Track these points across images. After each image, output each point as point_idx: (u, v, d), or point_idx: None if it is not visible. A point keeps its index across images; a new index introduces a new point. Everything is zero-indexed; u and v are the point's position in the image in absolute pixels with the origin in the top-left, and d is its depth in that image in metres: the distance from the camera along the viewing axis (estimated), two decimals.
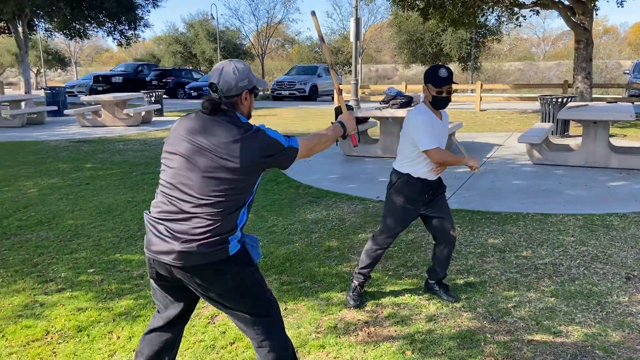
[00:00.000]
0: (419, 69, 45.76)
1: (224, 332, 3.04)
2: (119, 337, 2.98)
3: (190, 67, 38.96)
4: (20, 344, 2.91)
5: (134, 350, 2.84)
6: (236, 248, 2.02)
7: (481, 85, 16.71)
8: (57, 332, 3.07)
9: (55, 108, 14.63)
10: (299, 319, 3.22)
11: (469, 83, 31.16)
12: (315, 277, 3.84)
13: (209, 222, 1.95)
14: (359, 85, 17.29)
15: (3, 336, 2.99)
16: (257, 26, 41.41)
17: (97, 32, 23.06)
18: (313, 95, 22.92)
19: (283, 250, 4.37)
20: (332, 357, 2.80)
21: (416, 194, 3.27)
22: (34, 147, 9.99)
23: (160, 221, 1.99)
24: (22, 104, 15.50)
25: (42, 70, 49.22)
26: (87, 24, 22.12)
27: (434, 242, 3.46)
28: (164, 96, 25.44)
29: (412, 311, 3.33)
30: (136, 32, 22.65)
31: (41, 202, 5.92)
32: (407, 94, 9.24)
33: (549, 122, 10.65)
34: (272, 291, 3.49)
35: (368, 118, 9.03)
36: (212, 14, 39.68)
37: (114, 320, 3.18)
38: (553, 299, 3.46)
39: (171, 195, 2.00)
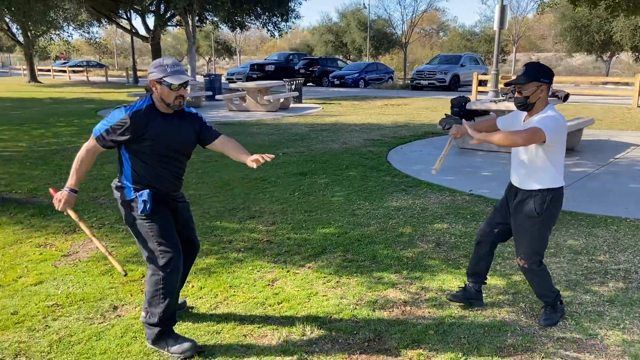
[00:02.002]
0: (586, 59, 41.77)
1: (277, 294, 3.53)
2: (193, 287, 3.62)
3: (340, 57, 40.22)
4: (122, 281, 3.70)
5: (200, 298, 3.46)
6: (130, 195, 2.77)
7: None
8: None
9: (210, 93, 16.45)
10: (345, 291, 3.58)
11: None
12: (376, 257, 4.14)
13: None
14: (499, 76, 16.62)
15: (111, 274, 3.81)
16: (402, 16, 41.11)
17: (255, 23, 24.95)
18: (454, 86, 22.41)
19: (357, 231, 4.72)
20: (359, 325, 3.12)
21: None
22: None
23: None
24: (189, 88, 17.64)
25: (212, 59, 54.62)
26: (246, 16, 24.15)
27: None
28: (309, 84, 26.83)
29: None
30: (287, 23, 24.15)
31: None
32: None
33: None
34: (334, 266, 3.91)
35: (488, 111, 8.84)
36: (364, 4, 40.37)
37: (195, 274, 3.84)
38: (608, 303, 3.36)
39: None
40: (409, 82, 23.54)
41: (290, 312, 3.27)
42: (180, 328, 3.03)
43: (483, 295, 3.47)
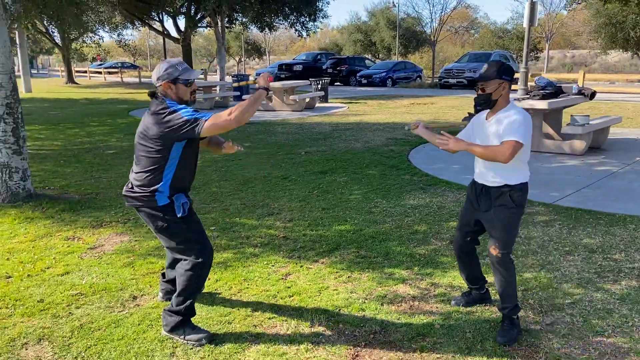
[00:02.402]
0: (622, 56, 40.61)
1: (289, 287, 3.63)
2: (209, 279, 3.77)
3: (368, 56, 40.15)
4: (143, 273, 3.87)
5: (215, 290, 3.60)
6: (164, 202, 2.81)
7: None
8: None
9: (237, 93, 16.70)
10: (356, 286, 3.66)
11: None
12: (389, 254, 4.21)
13: (138, 173, 2.82)
14: (529, 74, 16.37)
15: (132, 266, 3.99)
16: (431, 14, 40.75)
17: (283, 24, 25.19)
18: None
19: (372, 228, 4.79)
20: (366, 319, 3.20)
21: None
22: None
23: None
24: (217, 88, 17.96)
25: (242, 59, 55.28)
26: (274, 17, 24.40)
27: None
28: (337, 83, 26.91)
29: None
30: (315, 23, 24.29)
31: (200, 172, 7.16)
32: (558, 84, 8.67)
33: None
34: (346, 262, 3.99)
35: None
36: (393, 2, 40.19)
37: (212, 267, 3.97)
38: (618, 301, 3.35)
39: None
40: (437, 80, 23.36)
41: (300, 305, 3.37)
42: (194, 318, 3.16)
43: (493, 291, 3.51)
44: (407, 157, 7.95)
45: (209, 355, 2.79)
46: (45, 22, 26.77)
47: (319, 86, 16.42)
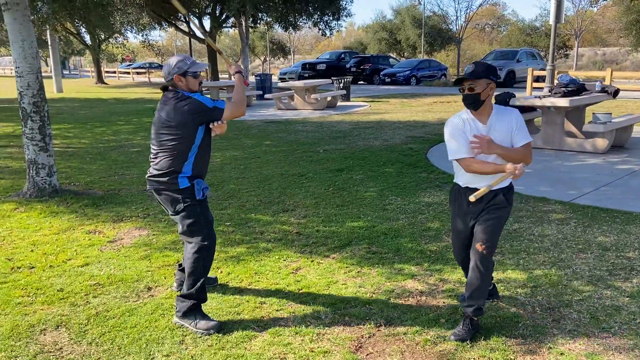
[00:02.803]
0: None
1: (299, 281, 3.71)
2: (221, 272, 3.87)
3: (393, 54, 39.98)
4: (158, 266, 4.00)
5: (227, 282, 3.69)
6: (185, 184, 3.03)
7: None
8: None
9: (260, 92, 16.87)
10: (365, 280, 3.71)
11: None
12: (400, 250, 4.24)
13: (161, 160, 3.04)
14: (555, 72, 16.10)
15: (149, 259, 4.12)
16: (456, 11, 40.30)
17: (306, 23, 25.28)
18: (509, 82, 21.86)
19: (385, 225, 4.83)
20: (372, 312, 3.25)
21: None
22: (234, 125, 11.89)
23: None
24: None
25: (267, 59, 55.66)
26: (298, 16, 24.52)
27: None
28: (360, 82, 26.88)
29: None
30: (339, 22, 24.32)
31: (219, 170, 7.30)
32: (581, 81, 8.54)
33: None
34: (357, 257, 4.05)
35: (534, 108, 8.66)
36: (418, 0, 39.91)
37: (225, 260, 4.09)
38: (628, 299, 3.32)
39: (151, 146, 3.14)
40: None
41: (308, 298, 3.44)
42: (204, 308, 3.26)
43: (501, 287, 3.52)
44: (426, 155, 7.94)
45: (216, 343, 2.89)
46: (75, 23, 27.45)
47: (341, 85, 16.46)
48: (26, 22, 5.72)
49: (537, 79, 19.08)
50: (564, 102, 7.55)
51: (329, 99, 14.86)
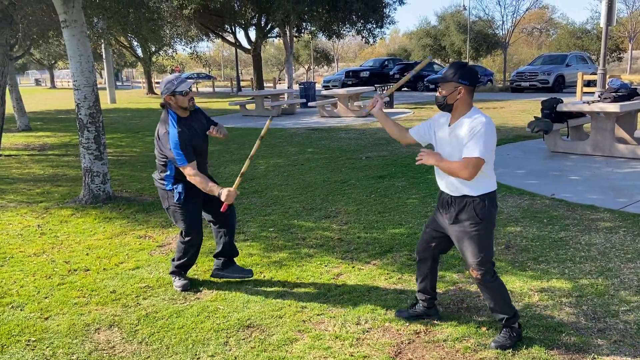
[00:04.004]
0: None
1: (339, 287, 3.76)
2: (264, 276, 3.97)
3: (437, 61, 39.56)
4: (204, 270, 4.15)
5: (269, 286, 3.79)
6: (169, 188, 3.56)
7: None
8: None
9: (303, 100, 17.07)
10: (405, 287, 3.73)
11: None
12: (441, 257, 4.23)
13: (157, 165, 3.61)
14: (607, 76, 15.57)
15: (195, 263, 4.28)
16: (503, 16, 39.50)
17: (350, 31, 25.40)
18: (558, 87, 21.26)
19: None
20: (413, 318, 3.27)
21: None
22: (278, 133, 12.10)
23: None
24: (285, 96, 18.47)
25: (311, 67, 56.19)
26: (342, 25, 24.67)
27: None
28: (404, 89, 26.75)
29: (514, 298, 3.49)
30: (382, 29, 24.33)
31: (263, 177, 7.47)
32: (633, 86, 8.24)
33: None
34: (398, 264, 4.08)
35: (581, 113, 8.43)
36: (463, 5, 39.41)
37: (268, 265, 4.20)
38: None
39: None
40: (509, 84, 22.68)
41: (349, 304, 3.49)
42: (247, 311, 3.38)
43: (545, 296, 3.47)
44: None
45: (259, 345, 2.98)
46: (128, 37, 28.61)
47: (384, 92, 16.45)
48: (83, 38, 6.05)
49: (588, 83, 18.47)
50: (614, 107, 7.32)
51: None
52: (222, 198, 3.36)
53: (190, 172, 3.42)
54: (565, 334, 3.02)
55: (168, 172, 3.56)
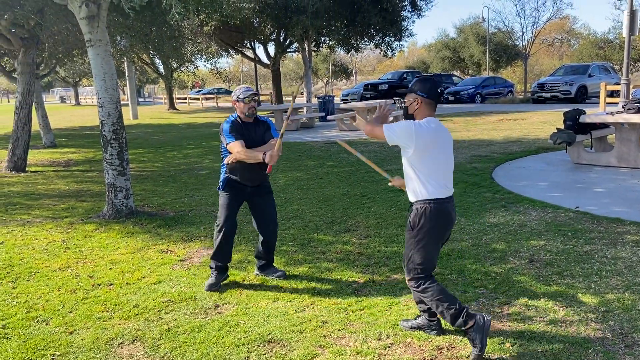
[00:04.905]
0: None
1: (360, 301, 3.74)
2: (285, 291, 3.97)
3: (456, 73, 39.43)
4: (225, 284, 4.16)
5: (290, 301, 3.79)
6: (222, 177, 4.09)
7: None
8: (250, 281, 4.23)
9: (322, 114, 17.13)
10: None
11: None
12: (463, 272, 4.19)
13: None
14: (630, 86, 15.33)
15: None
16: (522, 27, 39.29)
17: (368, 44, 25.50)
18: (580, 97, 20.98)
19: (448, 246, 4.78)
20: (434, 334, 3.23)
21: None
22: (297, 147, 12.16)
23: None
24: (303, 109, 18.55)
25: (330, 80, 56.49)
26: (360, 39, 24.79)
27: None
28: None
29: (538, 314, 3.44)
30: (401, 42, 24.35)
31: (283, 190, 7.50)
32: None
33: None
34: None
35: (605, 124, 8.30)
36: (482, 17, 39.25)
37: (287, 279, 4.19)
38: None
39: None
40: (530, 95, 22.46)
41: (370, 318, 3.47)
42: (268, 326, 3.38)
43: (570, 312, 3.40)
44: (491, 175, 7.78)
45: None
46: (150, 54, 29.16)
47: (403, 104, 16.44)
48: (107, 57, 6.20)
49: (612, 93, 18.22)
50: (638, 118, 7.20)
51: (391, 118, 14.87)
52: (267, 160, 3.76)
53: (237, 147, 3.84)
54: (592, 350, 2.95)
55: (223, 162, 4.05)
